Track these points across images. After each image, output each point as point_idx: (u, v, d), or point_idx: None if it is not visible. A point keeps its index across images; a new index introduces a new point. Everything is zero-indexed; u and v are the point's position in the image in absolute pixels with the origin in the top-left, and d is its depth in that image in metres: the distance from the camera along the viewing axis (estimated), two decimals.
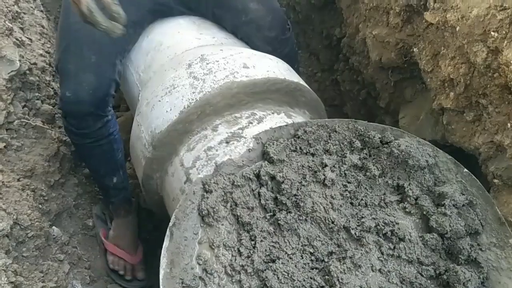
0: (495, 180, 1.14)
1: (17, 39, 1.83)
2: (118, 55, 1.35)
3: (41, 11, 2.29)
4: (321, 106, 1.29)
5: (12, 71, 1.62)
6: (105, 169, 1.51)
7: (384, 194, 0.84)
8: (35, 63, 1.79)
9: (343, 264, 0.73)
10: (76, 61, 1.27)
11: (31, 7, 2.19)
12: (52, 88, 1.86)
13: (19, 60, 1.69)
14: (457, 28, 1.07)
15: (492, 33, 0.98)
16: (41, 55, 1.91)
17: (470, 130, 1.19)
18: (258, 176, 0.87)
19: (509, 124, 1.07)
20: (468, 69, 1.11)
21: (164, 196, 1.21)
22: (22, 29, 2.02)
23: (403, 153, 0.83)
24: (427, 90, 1.37)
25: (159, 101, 1.15)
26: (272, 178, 0.86)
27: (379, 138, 0.88)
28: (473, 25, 1.02)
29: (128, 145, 1.35)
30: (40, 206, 1.51)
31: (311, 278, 0.73)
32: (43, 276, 1.35)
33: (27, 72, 1.73)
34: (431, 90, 1.29)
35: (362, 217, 0.80)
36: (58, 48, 1.38)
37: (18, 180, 1.48)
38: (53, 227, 1.53)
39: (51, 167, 1.65)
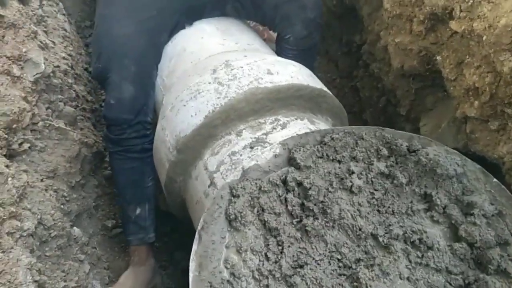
0: None
1: (41, 42, 1.86)
2: (155, 66, 1.38)
3: (64, 14, 2.33)
4: (343, 112, 1.29)
5: (37, 73, 1.65)
6: (131, 194, 1.46)
7: (411, 202, 0.84)
8: (58, 66, 1.82)
9: (371, 271, 0.73)
10: (118, 71, 1.32)
11: (54, 11, 2.23)
12: (74, 91, 1.89)
13: (44, 63, 1.72)
14: (484, 37, 1.07)
15: None
16: (63, 58, 1.95)
17: (494, 139, 1.18)
18: (284, 182, 0.88)
19: None
20: (494, 78, 1.11)
21: (186, 199, 1.23)
22: (46, 32, 2.06)
23: (431, 161, 0.83)
24: (449, 98, 1.37)
25: (184, 105, 1.17)
26: (299, 184, 0.86)
27: (406, 146, 0.89)
28: (501, 35, 1.02)
29: None
30: (62, 206, 1.53)
31: (339, 284, 0.73)
32: (65, 276, 1.37)
33: (51, 74, 1.77)
34: (454, 98, 1.29)
35: (390, 225, 0.80)
36: (100, 58, 1.39)
37: (42, 180, 1.50)
38: (74, 227, 1.55)
39: (72, 168, 1.67)
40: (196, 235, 0.80)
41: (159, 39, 1.37)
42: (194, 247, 0.79)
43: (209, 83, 1.18)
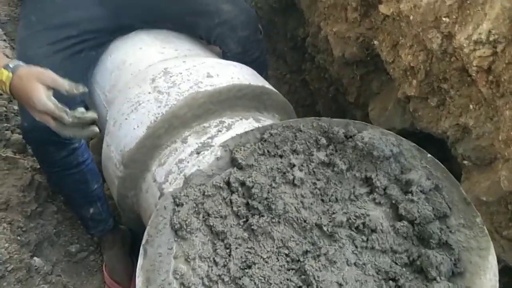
0: (465, 162, 1.16)
1: None
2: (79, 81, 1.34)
3: (4, 40, 2.26)
4: (289, 107, 1.29)
5: None
6: (80, 199, 1.48)
7: (354, 187, 0.84)
8: (0, 94, 1.76)
9: (318, 261, 0.73)
10: None
11: None
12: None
13: None
14: (411, 17, 1.09)
15: (444, 18, 1.00)
16: None
17: (436, 115, 1.21)
18: (228, 183, 0.87)
19: (471, 106, 1.10)
20: (426, 56, 1.13)
21: (141, 213, 1.20)
22: None
23: (367, 145, 0.84)
24: (392, 80, 1.39)
25: (126, 119, 1.15)
26: (242, 184, 0.86)
27: (343, 133, 0.89)
28: (425, 13, 1.04)
29: None
30: (18, 238, 1.48)
31: (287, 279, 0.73)
32: None
33: None
34: (395, 80, 1.31)
35: (334, 213, 0.80)
36: None
37: None
38: (34, 257, 1.50)
39: (26, 197, 1.62)
40: (141, 250, 0.78)
41: (80, 55, 1.32)
42: (140, 262, 0.77)
43: (149, 93, 1.16)
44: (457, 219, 0.76)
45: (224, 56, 1.44)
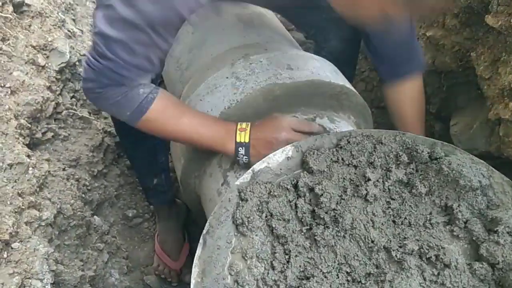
0: None
1: (68, 31, 1.88)
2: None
3: (93, 2, 2.35)
4: (367, 111, 1.23)
5: (62, 62, 1.67)
6: (147, 169, 1.52)
7: (430, 213, 0.78)
8: (84, 55, 1.83)
9: (381, 287, 0.69)
10: None
11: None
12: None
13: (69, 52, 1.74)
14: None
15: None
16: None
17: None
18: (296, 186, 0.84)
19: None
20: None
21: (201, 195, 1.21)
22: (74, 20, 2.07)
23: (453, 171, 0.77)
24: (482, 97, 1.28)
25: (201, 100, 1.14)
26: (311, 189, 0.82)
27: (428, 153, 0.83)
28: None
29: None
30: (83, 195, 1.55)
31: None
32: (82, 265, 1.39)
33: (77, 63, 1.78)
34: (488, 98, 1.20)
35: (405, 238, 0.75)
36: None
37: (64, 169, 1.52)
38: (95, 216, 1.57)
39: (95, 157, 1.69)
40: (201, 240, 0.78)
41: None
42: (198, 252, 0.77)
43: (227, 77, 1.14)
44: None
45: (318, 51, 1.40)
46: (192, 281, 0.73)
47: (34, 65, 1.53)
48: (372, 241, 0.75)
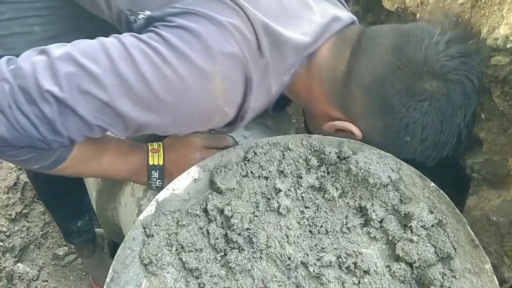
0: (474, 174, 1.06)
1: None
2: None
3: None
4: (286, 112, 1.18)
5: None
6: (71, 213, 1.41)
7: (347, 217, 0.75)
8: None
9: None
10: None
11: None
12: None
13: None
14: (418, 15, 0.97)
15: (454, 19, 0.89)
16: None
17: None
18: (206, 210, 0.78)
19: (483, 115, 0.98)
20: None
21: (121, 227, 1.12)
22: None
23: (362, 170, 0.73)
24: None
25: None
26: (221, 211, 0.76)
27: (336, 153, 0.79)
28: (434, 11, 0.93)
29: None
30: (1, 243, 1.42)
31: None
32: None
33: None
34: None
35: (322, 249, 0.71)
36: None
37: None
38: (18, 264, 1.44)
39: (11, 199, 1.56)
40: None
41: None
42: None
43: None
44: (463, 262, 0.66)
45: None
46: None
47: None
48: (289, 258, 0.70)
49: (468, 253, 0.67)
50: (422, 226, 0.69)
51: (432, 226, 0.69)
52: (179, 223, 0.76)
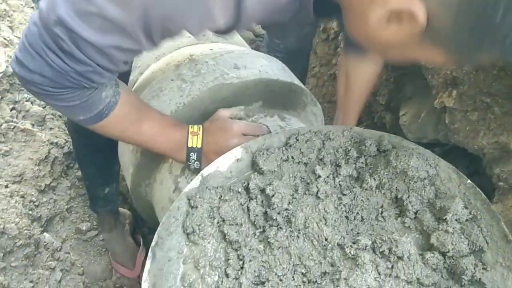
0: (500, 183, 1.09)
1: (5, 39, 1.77)
2: None
3: (32, 7, 2.23)
4: (317, 106, 1.23)
5: None
6: (100, 179, 1.46)
7: (382, 207, 0.78)
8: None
9: (337, 286, 0.68)
10: None
11: (21, 5, 2.13)
12: None
13: (6, 61, 1.64)
14: None
15: None
16: None
17: (474, 130, 1.13)
18: (247, 189, 0.82)
19: None
20: (472, 67, 1.04)
21: (153, 203, 1.16)
22: (11, 27, 1.96)
23: (401, 163, 0.77)
24: (428, 87, 1.31)
25: None
26: (262, 191, 0.80)
27: (376, 146, 0.83)
28: None
29: None
30: (30, 212, 1.47)
31: None
32: (33, 286, 1.31)
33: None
34: (433, 87, 1.23)
35: (358, 233, 0.74)
36: None
37: (6, 186, 1.43)
38: (44, 233, 1.49)
39: (41, 171, 1.61)
40: (150, 253, 0.74)
41: None
42: (147, 266, 0.73)
43: (172, 80, 1.10)
44: (494, 256, 0.69)
45: (272, 46, 1.37)
46: None
47: None
48: (326, 239, 0.74)
49: (500, 248, 0.70)
50: (456, 220, 0.72)
51: (466, 220, 0.73)
52: (221, 198, 0.80)
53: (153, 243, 0.75)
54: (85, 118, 0.83)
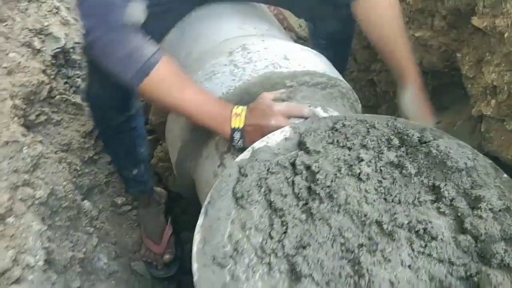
0: None
1: (62, 18, 1.89)
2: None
3: None
4: (358, 104, 1.29)
5: (57, 48, 1.68)
6: (125, 161, 1.55)
7: (419, 193, 0.83)
8: (78, 43, 1.84)
9: (373, 256, 0.74)
10: None
11: None
12: None
13: (64, 38, 1.75)
14: (506, 34, 1.05)
15: None
16: None
17: (509, 139, 1.17)
18: (293, 164, 0.88)
19: None
20: None
21: (196, 179, 1.24)
22: (68, 9, 2.08)
23: (441, 153, 0.82)
24: (466, 97, 1.35)
25: None
26: (307, 167, 0.87)
27: (418, 137, 0.88)
28: None
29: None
30: (74, 179, 1.56)
31: (340, 266, 0.73)
32: (72, 246, 1.40)
33: (71, 50, 1.79)
34: (471, 96, 1.27)
35: (395, 213, 0.80)
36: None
37: (56, 153, 1.53)
38: (85, 200, 1.58)
39: (86, 144, 1.71)
40: (202, 210, 0.81)
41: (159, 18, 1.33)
42: (200, 221, 0.80)
43: (225, 65, 1.18)
44: None
45: (315, 32, 1.43)
46: (194, 248, 0.76)
47: (30, 48, 1.54)
48: (365, 215, 0.79)
49: None
50: (490, 209, 0.77)
51: (499, 210, 0.77)
52: (269, 170, 0.87)
53: (206, 202, 0.82)
54: (132, 76, 0.95)
